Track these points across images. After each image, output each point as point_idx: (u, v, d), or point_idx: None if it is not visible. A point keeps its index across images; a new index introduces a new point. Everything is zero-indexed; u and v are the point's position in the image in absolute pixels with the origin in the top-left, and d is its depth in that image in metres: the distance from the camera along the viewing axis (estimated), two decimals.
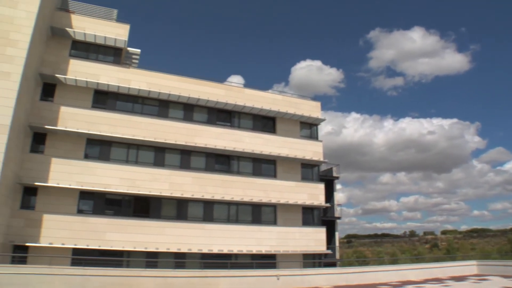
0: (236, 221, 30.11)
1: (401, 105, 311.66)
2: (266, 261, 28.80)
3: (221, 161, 31.29)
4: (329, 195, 34.53)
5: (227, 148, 30.46)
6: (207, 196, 28.99)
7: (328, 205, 33.24)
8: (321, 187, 33.30)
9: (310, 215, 32.60)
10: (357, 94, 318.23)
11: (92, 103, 27.97)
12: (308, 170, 33.60)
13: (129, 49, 31.56)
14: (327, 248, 32.04)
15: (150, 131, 28.70)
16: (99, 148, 27.68)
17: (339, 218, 34.82)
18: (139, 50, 32.68)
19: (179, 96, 29.74)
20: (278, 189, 31.41)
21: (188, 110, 30.98)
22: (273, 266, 28.45)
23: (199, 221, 28.91)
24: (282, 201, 30.96)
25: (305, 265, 29.43)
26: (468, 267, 29.99)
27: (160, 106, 30.15)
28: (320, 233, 32.03)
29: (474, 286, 22.60)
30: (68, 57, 27.81)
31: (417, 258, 62.21)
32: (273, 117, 33.45)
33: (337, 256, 34.25)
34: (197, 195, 28.76)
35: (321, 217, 33.36)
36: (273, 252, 29.68)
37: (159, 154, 29.27)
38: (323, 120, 34.74)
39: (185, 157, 29.97)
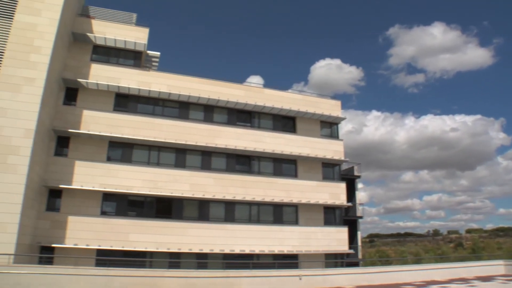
0: (258, 221, 30.11)
1: (422, 102, 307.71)
2: (288, 261, 28.69)
3: (241, 162, 31.33)
4: (350, 194, 34.23)
5: (247, 149, 30.49)
6: (228, 197, 29.07)
7: (349, 204, 32.96)
8: (342, 186, 33.05)
9: (331, 215, 32.34)
10: (378, 92, 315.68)
11: (113, 106, 28.43)
12: (329, 170, 33.38)
13: (148, 52, 31.98)
14: (349, 248, 31.75)
15: (171, 132, 28.95)
16: (121, 150, 28.09)
17: (361, 217, 34.48)
18: (159, 53, 33.06)
19: (199, 97, 29.91)
20: (299, 189, 31.27)
21: (208, 111, 31.14)
22: (295, 266, 28.30)
23: (220, 221, 29.01)
24: (304, 201, 30.82)
25: (327, 265, 29.20)
26: (495, 267, 29.20)
27: (181, 108, 30.40)
28: (342, 232, 31.77)
29: (502, 287, 22.04)
30: (90, 61, 28.37)
31: (442, 258, 61.10)
32: (293, 117, 33.34)
33: (360, 256, 33.91)
34: (219, 196, 28.86)
35: (342, 216, 33.05)
36: (295, 252, 29.56)
37: (180, 156, 29.49)
38: (343, 119, 34.47)
39: (206, 158, 30.13)
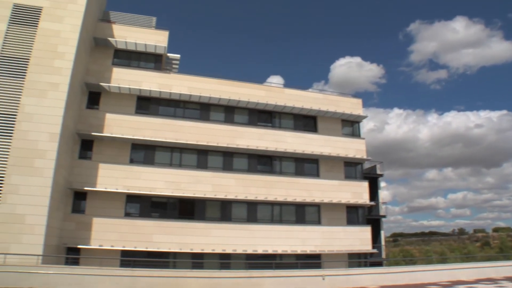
0: (280, 221, 30.04)
1: (445, 98, 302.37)
2: (311, 261, 28.45)
3: (263, 162, 31.33)
4: (373, 193, 33.82)
5: (269, 149, 30.47)
6: (250, 197, 29.11)
7: (372, 203, 32.53)
8: (365, 185, 32.70)
9: (354, 214, 32.03)
10: (399, 89, 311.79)
11: (135, 109, 28.85)
12: (351, 168, 33.08)
13: (169, 54, 32.31)
14: (373, 247, 31.37)
15: (192, 134, 29.17)
16: (143, 152, 28.46)
17: (384, 216, 33.99)
18: (179, 56, 33.34)
19: (220, 98, 30.05)
20: (321, 189, 31.08)
21: (229, 112, 31.26)
22: (318, 266, 28.07)
23: (243, 222, 29.07)
24: (326, 200, 30.61)
25: (351, 265, 28.87)
26: None
27: (202, 110, 30.62)
28: (365, 232, 31.42)
29: None
30: (111, 65, 28.91)
31: (468, 257, 59.68)
32: (314, 116, 33.16)
33: (383, 256, 33.45)
34: (241, 196, 28.93)
35: (365, 215, 32.68)
36: (317, 252, 29.37)
37: (202, 157, 29.69)
38: (364, 117, 34.12)
39: (227, 159, 30.25)
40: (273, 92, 32.36)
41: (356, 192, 31.93)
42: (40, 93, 23.06)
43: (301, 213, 30.67)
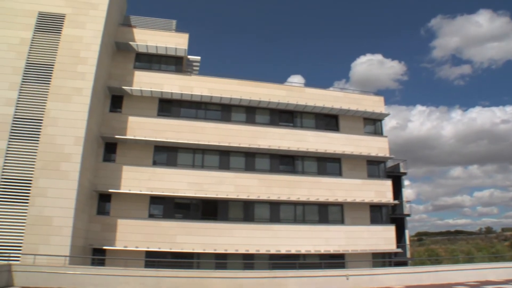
0: (303, 221, 29.92)
1: (469, 94, 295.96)
2: (334, 261, 28.25)
3: (285, 162, 31.25)
4: (397, 191, 33.32)
5: (291, 149, 30.39)
6: (273, 197, 29.08)
7: (396, 202, 32.05)
8: (388, 184, 32.25)
9: (378, 213, 31.61)
10: (422, 86, 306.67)
11: (157, 111, 29.22)
12: (374, 167, 32.68)
13: (189, 57, 32.65)
14: (397, 247, 30.88)
15: (214, 135, 29.34)
16: (166, 154, 28.77)
17: (408, 215, 33.43)
18: (199, 57, 33.63)
19: (241, 99, 30.15)
20: (344, 188, 30.82)
21: (250, 113, 31.33)
22: (342, 266, 27.89)
23: (266, 222, 29.06)
24: (349, 199, 30.33)
25: (375, 265, 28.51)
26: None
27: (223, 111, 30.78)
28: (389, 231, 30.96)
29: None
30: (133, 69, 29.40)
31: (496, 257, 58.03)
32: (336, 115, 32.92)
33: (408, 255, 32.84)
34: (263, 197, 28.93)
35: (389, 214, 32.20)
36: (341, 252, 29.11)
37: (224, 158, 29.83)
38: (387, 115, 33.67)
39: (249, 159, 30.31)
40: (294, 92, 32.28)
41: (379, 191, 31.55)
42: (64, 98, 23.64)
43: (324, 213, 30.46)
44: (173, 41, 29.98)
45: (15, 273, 18.87)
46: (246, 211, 29.20)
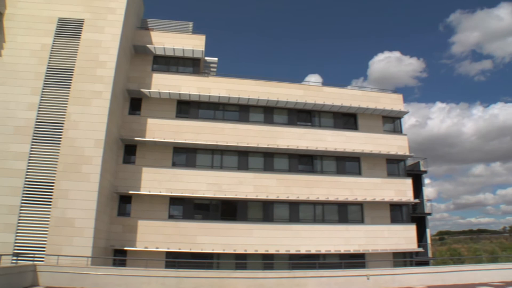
0: (323, 221, 29.74)
1: (491, 90, 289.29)
2: (354, 260, 27.96)
3: (304, 162, 31.15)
4: (417, 190, 32.84)
5: (309, 148, 30.25)
6: (292, 197, 28.99)
7: (416, 200, 31.56)
8: (408, 182, 31.77)
9: (398, 212, 31.18)
10: (441, 83, 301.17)
11: (176, 113, 29.47)
12: (393, 166, 32.24)
13: (206, 58, 32.80)
14: (418, 246, 30.39)
15: (232, 136, 29.42)
16: (185, 155, 28.98)
17: (429, 214, 32.85)
18: (216, 59, 33.73)
19: (258, 99, 30.17)
20: (364, 187, 30.52)
21: (268, 113, 31.30)
22: (362, 265, 27.62)
23: (285, 222, 29.00)
24: (369, 198, 30.03)
25: (396, 264, 28.10)
26: None
27: (241, 111, 30.85)
28: (410, 230, 30.48)
29: None
30: (151, 71, 29.74)
31: None
32: (354, 114, 32.65)
33: (430, 255, 32.29)
34: (282, 197, 28.87)
35: (410, 213, 31.71)
36: (361, 252, 28.82)
37: (242, 158, 29.89)
38: (406, 113, 33.14)
39: (268, 160, 30.29)
40: (311, 91, 32.15)
41: (399, 190, 31.13)
42: (84, 101, 24.08)
43: (344, 212, 30.24)
44: (190, 43, 30.22)
45: (40, 273, 19.34)
46: (265, 211, 29.18)
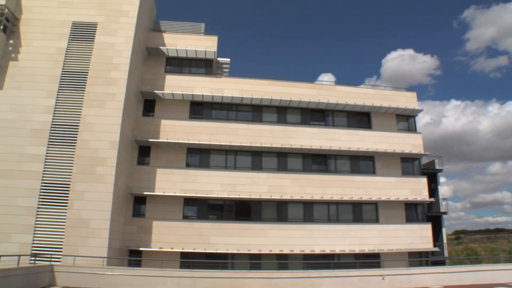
0: (337, 220, 29.58)
1: (507, 86, 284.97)
2: (369, 260, 27.78)
3: (318, 161, 31.04)
4: (432, 189, 32.45)
5: (323, 148, 30.12)
6: (306, 197, 28.91)
7: (432, 199, 31.16)
8: (423, 181, 31.37)
9: (413, 211, 30.85)
10: (456, 80, 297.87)
11: (189, 114, 29.64)
12: (408, 164, 31.89)
13: (219, 59, 32.96)
14: (434, 246, 30.00)
15: (246, 136, 29.48)
16: (199, 156, 29.12)
17: (445, 213, 32.43)
18: (229, 59, 33.88)
19: (271, 99, 30.15)
20: (378, 186, 30.28)
21: (281, 113, 31.27)
22: (377, 265, 27.41)
23: (299, 222, 28.92)
24: (383, 198, 29.74)
25: (411, 264, 27.73)
26: None
27: (254, 111, 30.87)
28: (425, 229, 30.09)
29: None
30: (164, 73, 29.98)
31: None
32: (368, 112, 32.41)
33: (446, 254, 31.81)
34: (296, 196, 28.80)
35: (425, 213, 31.33)
36: (376, 251, 28.55)
37: (256, 158, 29.90)
38: (420, 111, 32.78)
39: (282, 159, 30.25)
40: (324, 90, 32.02)
41: (414, 189, 30.78)
42: (99, 103, 24.38)
43: (358, 212, 30.03)
44: (203, 44, 30.37)
45: (57, 273, 19.71)
46: (279, 211, 29.14)
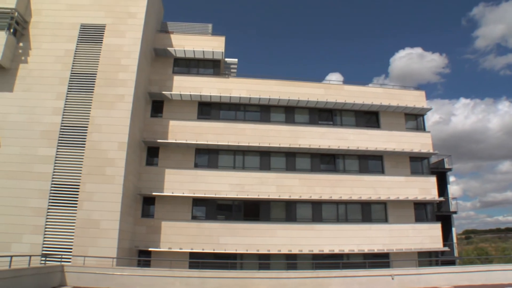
0: (346, 220, 29.47)
1: None
2: (378, 260, 27.62)
3: (326, 161, 30.95)
4: (442, 188, 32.15)
5: (331, 147, 30.02)
6: (314, 197, 28.83)
7: (441, 199, 30.89)
8: (432, 180, 31.11)
9: (422, 211, 30.58)
10: (465, 78, 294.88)
11: (197, 114, 29.73)
12: (417, 164, 31.67)
13: (226, 59, 33.05)
14: (444, 245, 29.74)
15: (254, 136, 29.48)
16: (207, 156, 29.20)
17: (455, 212, 32.12)
18: (236, 60, 33.94)
19: (279, 99, 30.11)
20: (387, 185, 30.09)
21: (289, 113, 31.23)
22: (386, 265, 27.25)
23: (308, 222, 28.85)
24: (392, 197, 29.56)
25: (421, 264, 27.41)
26: None
27: (262, 111, 30.87)
28: (435, 229, 29.82)
29: None
30: (172, 74, 30.11)
31: None
32: (376, 112, 32.24)
33: (456, 254, 31.53)
34: (305, 196, 28.74)
35: (434, 212, 31.10)
36: (385, 251, 28.37)
37: (264, 158, 29.89)
38: (429, 110, 32.53)
39: (290, 159, 30.21)
40: (332, 90, 31.92)
41: (423, 188, 30.54)
42: (107, 105, 24.53)
43: (367, 211, 29.89)
44: (210, 44, 30.43)
45: (67, 274, 19.87)
46: (288, 211, 29.12)
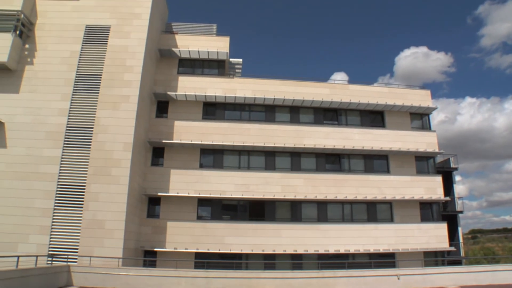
0: (351, 220, 29.42)
1: None
2: (384, 260, 27.58)
3: (331, 161, 30.91)
4: (447, 188, 32.01)
5: (336, 147, 29.95)
6: (320, 197, 28.78)
7: (447, 198, 30.76)
8: (438, 180, 30.94)
9: (428, 210, 30.46)
10: (471, 77, 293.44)
11: (202, 115, 29.77)
12: (423, 163, 31.53)
13: (231, 59, 33.07)
14: (450, 245, 29.59)
15: (259, 136, 29.47)
16: (212, 157, 29.23)
17: (461, 212, 31.98)
18: (241, 60, 33.94)
19: (284, 99, 30.09)
20: (393, 185, 29.99)
21: (294, 112, 31.20)
22: (392, 265, 27.16)
23: (313, 222, 28.81)
24: (398, 197, 29.45)
25: (427, 264, 27.29)
26: None
27: (267, 111, 30.87)
28: (441, 229, 29.69)
29: None
30: (177, 74, 30.18)
31: None
32: (381, 111, 32.14)
33: (462, 254, 31.32)
34: (310, 196, 28.70)
35: (440, 212, 30.94)
36: (391, 251, 28.27)
37: (269, 158, 29.88)
38: (434, 109, 32.33)
39: (295, 159, 30.18)
40: (337, 89, 31.85)
41: (429, 188, 30.41)
42: (113, 105, 24.63)
43: (373, 211, 29.81)
44: (215, 45, 30.47)
45: (74, 274, 19.97)
46: (293, 211, 29.10)
